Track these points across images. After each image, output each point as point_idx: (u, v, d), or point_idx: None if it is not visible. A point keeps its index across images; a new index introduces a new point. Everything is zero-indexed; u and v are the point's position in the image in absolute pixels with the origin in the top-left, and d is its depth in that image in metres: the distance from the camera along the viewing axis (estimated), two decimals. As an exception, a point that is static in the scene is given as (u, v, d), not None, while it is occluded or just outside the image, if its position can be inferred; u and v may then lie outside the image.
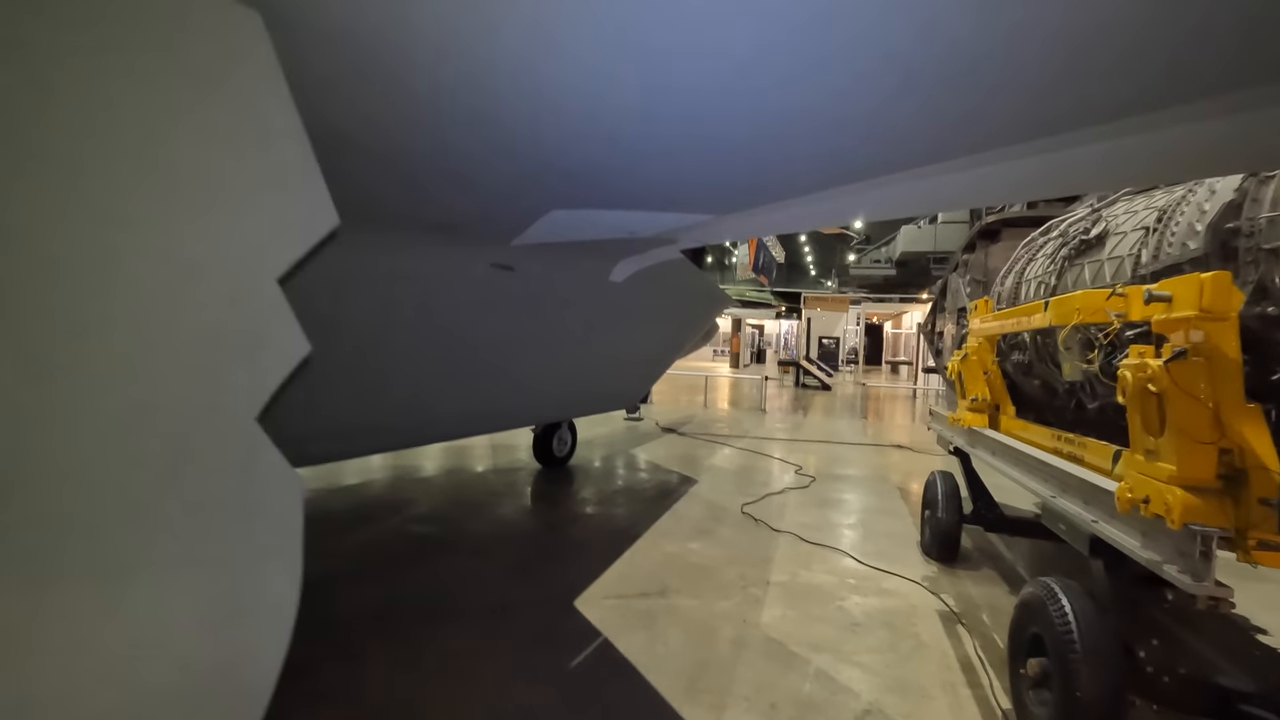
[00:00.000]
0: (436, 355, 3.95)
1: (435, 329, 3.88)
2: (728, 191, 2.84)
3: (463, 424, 4.69)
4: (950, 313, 5.47)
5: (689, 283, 6.73)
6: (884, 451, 9.90)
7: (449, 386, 4.15)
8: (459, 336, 4.06)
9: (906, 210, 3.76)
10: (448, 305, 3.91)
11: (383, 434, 4.03)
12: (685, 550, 4.93)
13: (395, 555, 4.60)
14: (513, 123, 2.05)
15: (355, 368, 3.47)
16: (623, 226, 3.44)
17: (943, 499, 4.80)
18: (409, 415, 4.04)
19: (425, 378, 3.97)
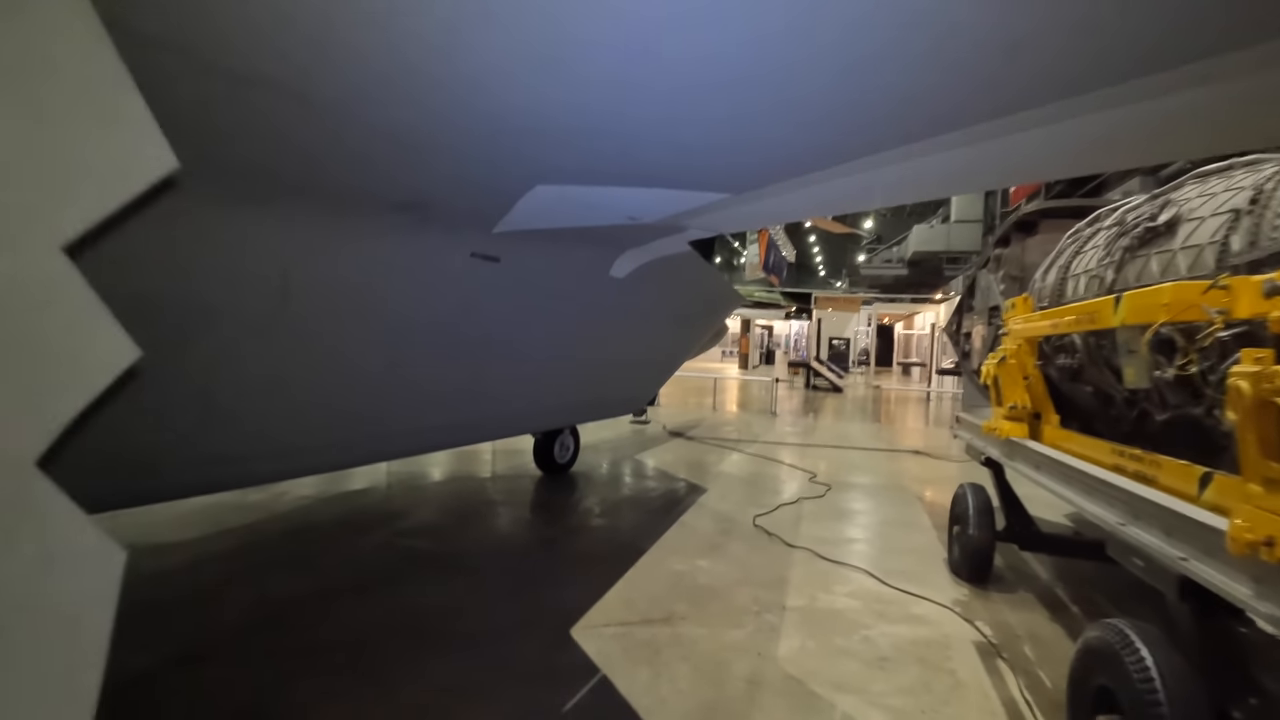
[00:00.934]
0: (407, 358, 3.51)
1: (404, 327, 3.44)
2: (740, 164, 2.46)
3: (444, 435, 4.23)
4: (980, 312, 5.07)
5: (698, 279, 6.30)
6: (900, 457, 9.49)
7: (424, 394, 3.71)
8: (434, 336, 3.61)
9: (939, 188, 3.39)
10: (419, 300, 3.46)
11: (346, 448, 3.58)
12: (693, 568, 4.55)
13: (378, 574, 4.24)
14: (481, 72, 1.68)
15: (306, 373, 3.04)
16: (621, 209, 3.06)
17: (974, 515, 4.40)
18: (376, 427, 3.57)
19: (393, 384, 3.53)
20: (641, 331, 5.59)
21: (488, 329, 3.90)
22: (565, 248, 4.08)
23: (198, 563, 4.31)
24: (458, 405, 3.92)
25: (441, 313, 3.60)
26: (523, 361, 4.22)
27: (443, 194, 3.00)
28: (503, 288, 3.83)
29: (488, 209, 3.16)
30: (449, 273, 3.55)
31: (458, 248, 3.54)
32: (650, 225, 3.43)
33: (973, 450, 4.91)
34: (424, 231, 3.34)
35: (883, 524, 5.93)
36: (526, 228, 3.34)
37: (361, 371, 3.34)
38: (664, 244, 4.20)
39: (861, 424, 13.35)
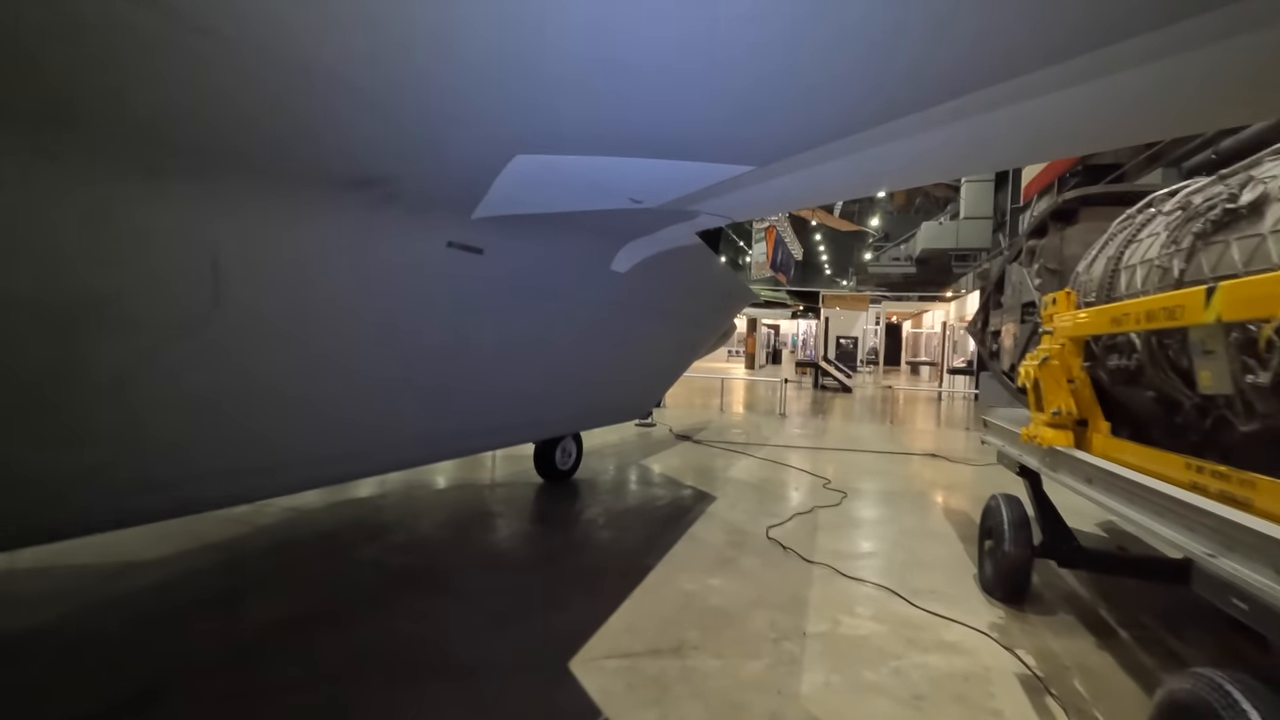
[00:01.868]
0: (371, 364, 3.09)
1: (366, 329, 3.02)
2: (768, 126, 2.10)
3: (422, 450, 3.82)
4: (1011, 309, 4.70)
5: (708, 274, 5.90)
6: (915, 461, 9.12)
7: (393, 406, 3.30)
8: (405, 339, 3.19)
9: (980, 159, 3.02)
10: (384, 297, 3.02)
11: (301, 470, 3.15)
12: (704, 588, 4.20)
13: (361, 597, 3.91)
14: (441, 10, 1.34)
15: (248, 386, 2.63)
16: (621, 188, 2.69)
17: (1010, 529, 4.04)
18: (336, 445, 3.16)
19: (356, 395, 3.10)
20: (646, 331, 5.20)
21: (471, 330, 3.48)
22: (559, 238, 3.67)
23: (166, 585, 3.98)
24: (435, 418, 3.51)
25: (413, 312, 3.17)
26: (513, 367, 3.81)
27: (404, 165, 2.56)
28: (488, 283, 3.40)
29: (461, 187, 2.74)
30: (421, 265, 3.11)
31: (430, 235, 3.09)
32: (655, 210, 3.04)
33: (1005, 458, 4.54)
34: (386, 214, 2.88)
35: (903, 534, 5.57)
36: (512, 212, 2.95)
37: (314, 382, 2.91)
38: (670, 234, 3.81)
39: (873, 426, 12.97)
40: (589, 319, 4.28)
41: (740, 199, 2.98)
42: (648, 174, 2.51)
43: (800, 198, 3.26)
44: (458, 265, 3.25)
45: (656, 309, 5.09)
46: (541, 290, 3.87)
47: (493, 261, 3.39)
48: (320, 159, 2.43)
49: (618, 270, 4.13)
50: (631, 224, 3.52)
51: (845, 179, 2.83)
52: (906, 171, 2.70)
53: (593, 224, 3.48)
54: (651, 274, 4.40)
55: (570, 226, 3.42)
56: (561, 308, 4.06)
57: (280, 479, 3.03)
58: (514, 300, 3.66)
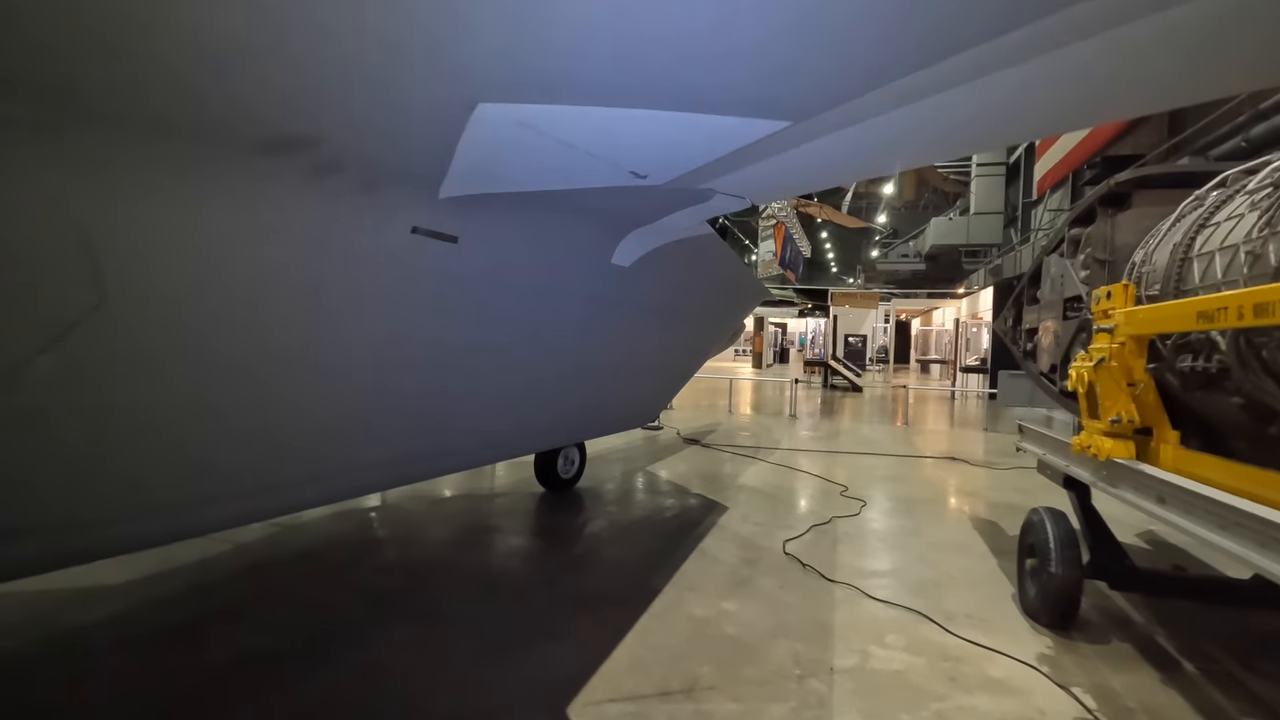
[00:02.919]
0: (316, 373, 2.61)
1: (305, 332, 2.54)
2: (801, 69, 1.69)
3: (389, 472, 3.32)
4: (1050, 304, 4.30)
5: (719, 267, 5.45)
6: (935, 465, 8.71)
7: (347, 422, 2.84)
8: (355, 341, 2.71)
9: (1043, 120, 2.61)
10: (324, 289, 2.53)
11: (236, 501, 2.66)
12: (718, 613, 3.82)
13: (339, 627, 3.54)
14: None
15: (162, 402, 2.18)
16: (619, 157, 2.28)
17: (1056, 548, 3.65)
18: (285, 466, 2.70)
19: (300, 408, 2.63)
20: (651, 333, 4.77)
21: (445, 333, 3.04)
22: (548, 225, 3.23)
23: (128, 615, 3.62)
24: (402, 437, 3.07)
25: (366, 310, 2.69)
26: (497, 375, 3.37)
27: (326, 116, 2.03)
28: (465, 278, 2.95)
29: (416, 153, 2.29)
30: (378, 254, 2.62)
31: (388, 218, 2.60)
32: (661, 190, 2.63)
33: (1047, 468, 4.14)
34: (325, 189, 2.40)
35: (930, 548, 5.17)
36: (487, 190, 2.54)
37: (245, 395, 2.43)
38: (679, 222, 3.40)
39: (887, 427, 12.56)
40: (586, 320, 3.84)
41: (764, 172, 2.53)
42: (652, 136, 2.09)
43: (835, 168, 2.79)
44: (427, 256, 2.78)
45: (663, 308, 4.64)
46: (529, 287, 3.41)
47: (470, 252, 2.93)
48: (229, 118, 1.93)
49: (619, 264, 3.70)
50: (634, 208, 3.08)
51: (892, 142, 2.38)
52: (968, 131, 2.29)
53: (588, 208, 3.04)
54: (657, 269, 3.97)
55: (561, 211, 3.00)
56: (553, 307, 3.62)
57: (200, 518, 2.56)
58: (497, 298, 3.21)
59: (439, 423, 3.24)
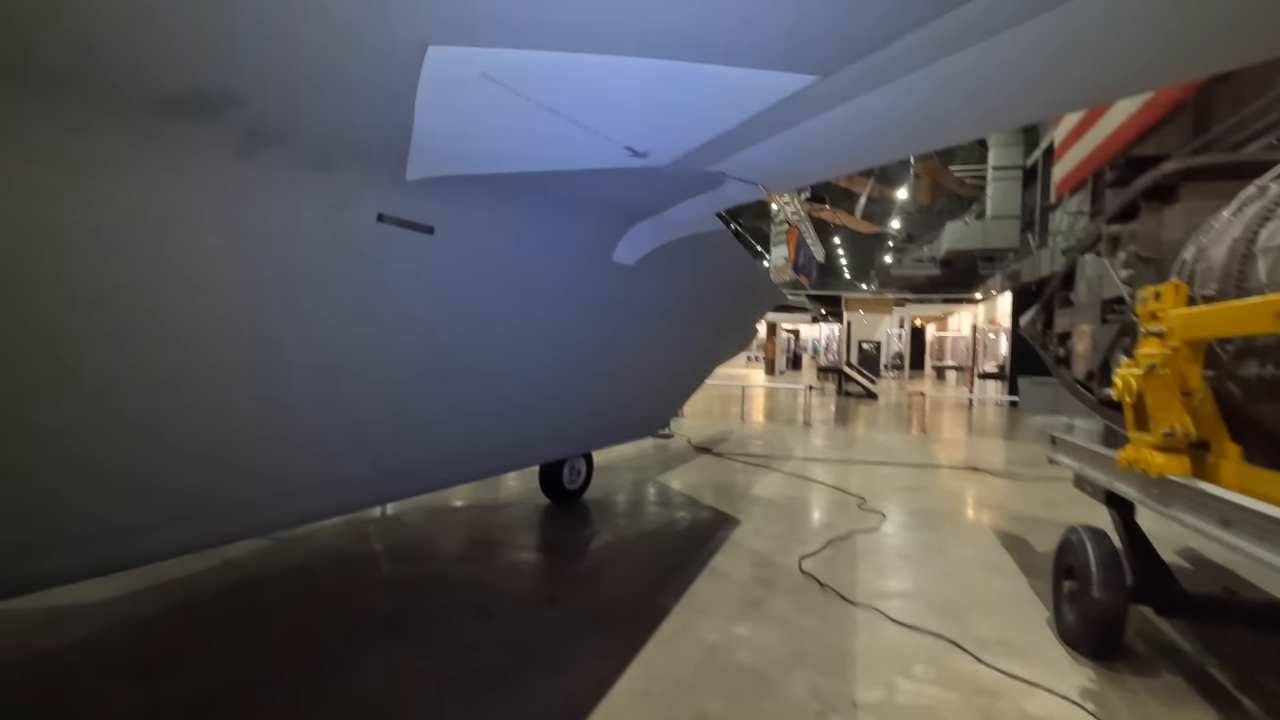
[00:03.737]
0: (275, 380, 2.29)
1: (257, 332, 2.21)
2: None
3: (368, 490, 3.04)
4: (1085, 307, 4.01)
5: (731, 267, 5.12)
6: (956, 476, 8.39)
7: (314, 434, 2.53)
8: (318, 346, 2.38)
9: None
10: (276, 288, 2.21)
11: (188, 525, 2.34)
12: (730, 639, 3.55)
13: (318, 654, 3.31)
14: None
15: (90, 413, 1.90)
16: (611, 129, 2.00)
17: (1099, 571, 3.36)
18: (243, 486, 2.39)
19: (260, 420, 2.32)
20: (659, 336, 4.48)
21: (420, 335, 2.72)
22: (539, 216, 2.92)
23: (102, 637, 3.41)
24: (376, 450, 2.80)
25: (323, 310, 2.36)
26: (485, 382, 3.10)
27: (252, 71, 1.72)
28: (445, 275, 2.64)
29: (370, 123, 1.99)
30: (335, 245, 2.30)
31: (346, 203, 2.29)
32: (665, 173, 2.35)
33: (1086, 483, 3.84)
34: (258, 163, 2.06)
35: (956, 566, 4.87)
36: (462, 171, 2.28)
37: (164, 408, 2.08)
38: (685, 213, 3.11)
39: (904, 435, 12.22)
40: (585, 324, 3.56)
41: (782, 150, 2.21)
42: (649, 97, 1.81)
43: (867, 142, 2.43)
44: (399, 249, 2.46)
45: (671, 312, 4.34)
46: (517, 286, 3.09)
47: (448, 245, 2.60)
48: (134, 76, 1.62)
49: (622, 262, 3.42)
50: (635, 197, 2.79)
51: (938, 103, 2.04)
52: (1033, 87, 1.98)
53: (583, 197, 2.75)
54: (663, 267, 3.68)
55: (552, 200, 2.71)
56: (547, 309, 3.31)
57: (151, 543, 2.26)
58: (481, 298, 2.90)
59: (416, 437, 2.94)
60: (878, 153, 2.83)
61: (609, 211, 3.10)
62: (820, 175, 3.07)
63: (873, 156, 3.00)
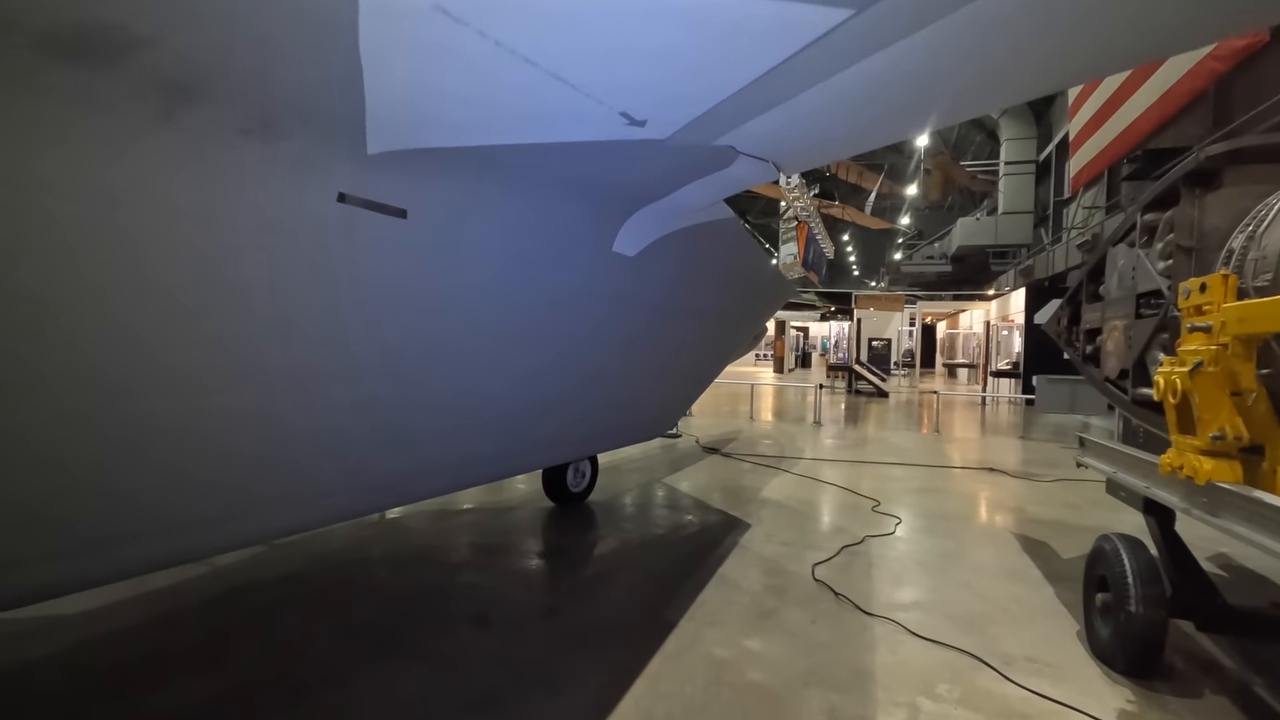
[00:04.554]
0: (226, 384, 2.02)
1: (200, 329, 1.94)
2: None
3: (330, 505, 2.68)
4: (1117, 301, 3.78)
5: (741, 260, 4.84)
6: (973, 477, 8.14)
7: (258, 445, 2.22)
8: (270, 347, 2.11)
9: None
10: (213, 279, 1.92)
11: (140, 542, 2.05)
12: (740, 654, 3.35)
13: (302, 671, 3.14)
14: None
15: None
16: (602, 89, 1.74)
17: (1135, 582, 3.13)
18: (190, 503, 2.09)
19: (220, 430, 2.05)
20: (667, 332, 4.27)
21: (402, 331, 2.45)
22: (528, 199, 2.63)
23: (70, 653, 3.25)
24: (355, 459, 2.54)
25: (284, 305, 2.09)
26: (470, 383, 2.84)
27: (159, 2, 1.46)
28: (425, 266, 2.37)
29: (310, 77, 1.72)
30: (286, 229, 2.02)
31: (299, 179, 2.01)
32: (667, 148, 2.12)
33: (1119, 488, 3.61)
34: (179, 126, 1.74)
35: (977, 574, 4.65)
36: (432, 143, 2.04)
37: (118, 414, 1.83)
38: (692, 198, 2.87)
39: (917, 435, 11.96)
40: (585, 320, 3.31)
41: (799, 116, 1.94)
42: (643, 40, 1.56)
43: (903, 107, 2.17)
44: (368, 235, 2.18)
45: (679, 304, 4.09)
46: (504, 278, 2.79)
47: (425, 231, 2.33)
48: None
49: (622, 253, 3.19)
50: (635, 177, 2.54)
51: (985, 55, 1.78)
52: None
53: (576, 177, 2.49)
54: (669, 259, 3.42)
55: (542, 181, 2.46)
56: (541, 304, 3.03)
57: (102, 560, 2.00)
58: (465, 291, 2.62)
59: (397, 444, 2.71)
60: (911, 119, 2.53)
61: (607, 196, 2.85)
62: (841, 149, 2.72)
63: (904, 124, 2.69)
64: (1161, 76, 13.07)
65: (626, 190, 2.79)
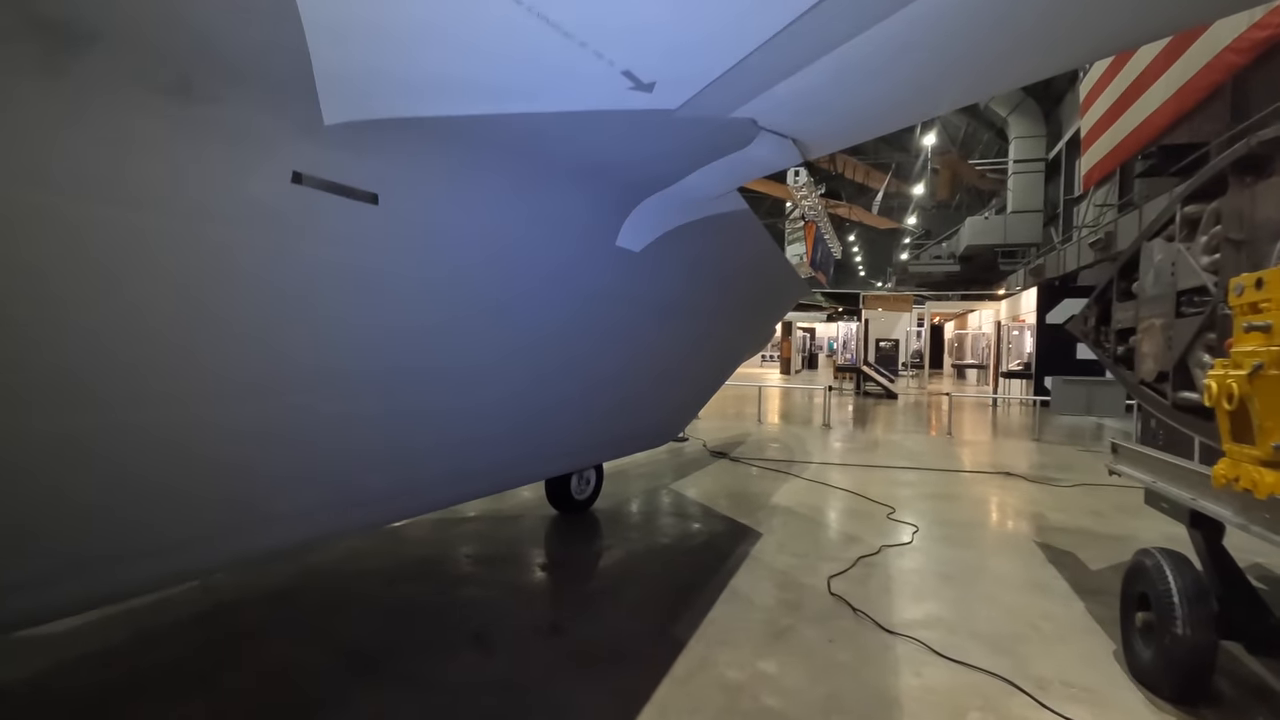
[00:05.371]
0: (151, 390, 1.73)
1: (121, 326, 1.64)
2: None
3: (312, 522, 2.39)
4: (1154, 299, 3.55)
5: (754, 255, 4.54)
6: (988, 481, 7.88)
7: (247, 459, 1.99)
8: (221, 346, 1.81)
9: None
10: (146, 271, 1.62)
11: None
12: (754, 677, 3.13)
13: (281, 700, 2.93)
14: None
15: None
16: (601, 38, 1.48)
17: (1183, 603, 2.90)
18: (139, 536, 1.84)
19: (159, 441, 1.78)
20: (675, 336, 4.03)
21: (370, 340, 2.14)
22: (523, 186, 2.34)
23: (41, 677, 3.05)
24: (329, 474, 2.29)
25: (221, 305, 1.75)
26: (463, 389, 2.57)
27: None
28: (402, 260, 2.06)
29: (234, 15, 1.40)
30: (225, 217, 1.69)
31: (244, 154, 1.68)
32: (678, 121, 1.87)
33: (1162, 500, 3.37)
34: (90, 83, 1.40)
35: (1001, 587, 4.41)
36: (399, 111, 1.76)
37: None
38: (704, 184, 2.61)
39: (929, 438, 11.70)
40: (585, 322, 3.02)
41: (831, 79, 1.67)
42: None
43: (952, 73, 1.93)
44: (330, 224, 1.87)
45: (689, 303, 3.83)
46: (499, 277, 2.47)
47: (403, 221, 2.03)
48: None
49: (628, 247, 2.90)
50: (641, 157, 2.28)
51: None
52: None
53: (574, 158, 2.22)
54: (676, 255, 3.16)
55: (534, 162, 2.19)
56: (538, 305, 2.72)
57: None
58: (450, 288, 2.29)
59: (372, 460, 2.44)
60: (944, 90, 2.25)
61: (610, 182, 2.58)
62: (869, 124, 2.38)
63: (937, 96, 2.40)
64: (1178, 70, 12.78)
65: (631, 174, 2.51)
